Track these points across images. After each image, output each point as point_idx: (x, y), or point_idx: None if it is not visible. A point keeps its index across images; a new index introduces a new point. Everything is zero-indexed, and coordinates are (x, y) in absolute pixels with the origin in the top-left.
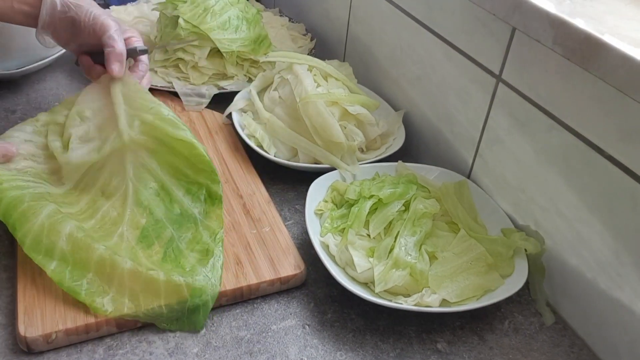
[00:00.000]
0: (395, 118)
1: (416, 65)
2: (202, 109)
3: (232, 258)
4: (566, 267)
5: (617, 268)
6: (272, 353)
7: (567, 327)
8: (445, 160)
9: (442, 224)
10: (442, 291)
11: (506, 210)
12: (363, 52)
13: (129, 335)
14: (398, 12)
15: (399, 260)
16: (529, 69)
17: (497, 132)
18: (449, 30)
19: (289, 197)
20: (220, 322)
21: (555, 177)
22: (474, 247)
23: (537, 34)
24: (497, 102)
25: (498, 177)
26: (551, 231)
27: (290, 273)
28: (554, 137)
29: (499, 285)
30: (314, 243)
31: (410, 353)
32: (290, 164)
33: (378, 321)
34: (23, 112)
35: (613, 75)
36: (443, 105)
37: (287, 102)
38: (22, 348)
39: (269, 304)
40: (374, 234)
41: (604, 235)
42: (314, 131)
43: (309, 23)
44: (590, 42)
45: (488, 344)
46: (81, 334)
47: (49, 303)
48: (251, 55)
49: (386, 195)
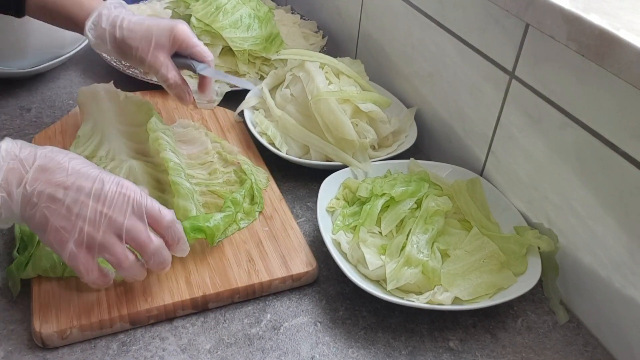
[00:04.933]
0: (407, 115)
1: (428, 62)
2: (214, 106)
3: (244, 255)
4: (580, 265)
5: (631, 266)
6: (283, 350)
7: (581, 326)
8: (457, 157)
9: (454, 222)
10: (455, 289)
11: (519, 207)
12: (375, 49)
13: (142, 332)
14: (410, 8)
15: (411, 258)
16: (543, 65)
17: (510, 129)
18: (461, 26)
19: (300, 194)
20: (233, 319)
21: (569, 175)
22: (486, 245)
23: (550, 30)
24: (510, 99)
25: (511, 175)
26: (565, 229)
27: (302, 270)
28: (568, 134)
29: (512, 283)
30: (326, 240)
31: (422, 351)
32: (302, 162)
33: (390, 319)
34: (38, 110)
35: (628, 71)
36: (455, 102)
37: (299, 100)
38: (37, 343)
39: (280, 301)
40: (386, 231)
41: (618, 234)
42: (325, 129)
43: (320, 20)
44: (604, 37)
45: (501, 342)
46: (95, 330)
47: (63, 299)
48: (263, 53)
49: (398, 193)
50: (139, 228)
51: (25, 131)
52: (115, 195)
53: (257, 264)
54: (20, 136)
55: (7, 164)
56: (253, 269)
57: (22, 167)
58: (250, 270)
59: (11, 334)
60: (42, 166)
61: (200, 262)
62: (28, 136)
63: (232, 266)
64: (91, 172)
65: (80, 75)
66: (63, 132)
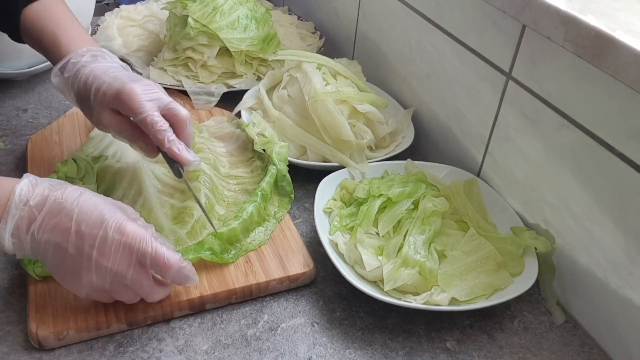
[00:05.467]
0: (404, 116)
1: (425, 63)
2: (211, 107)
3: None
4: (577, 266)
5: (628, 267)
6: (281, 351)
7: (578, 327)
8: (454, 158)
9: (451, 223)
10: (452, 290)
11: (516, 208)
12: (372, 50)
13: (139, 333)
14: (407, 9)
15: (408, 259)
16: (540, 66)
17: (507, 130)
18: (459, 27)
19: (297, 195)
20: (230, 320)
21: (566, 175)
22: (483, 245)
23: (547, 31)
24: (507, 100)
25: (508, 175)
26: (561, 230)
27: (299, 271)
28: (565, 135)
29: (509, 284)
30: (323, 241)
31: (419, 352)
32: (299, 162)
33: (387, 319)
34: (34, 110)
35: (624, 72)
36: (452, 103)
37: (296, 101)
38: (33, 345)
39: (278, 302)
40: (383, 232)
41: (615, 234)
42: (322, 129)
43: (317, 21)
44: (601, 39)
45: (497, 343)
46: (92, 331)
47: (60, 300)
48: (260, 54)
49: (395, 194)
50: (143, 281)
51: (21, 132)
52: (119, 247)
53: (255, 265)
54: (16, 137)
55: (20, 212)
56: (250, 270)
57: (31, 214)
58: (248, 271)
59: (7, 335)
60: (51, 212)
61: (197, 263)
62: (24, 137)
63: (230, 267)
64: (96, 217)
65: None
66: (59, 132)
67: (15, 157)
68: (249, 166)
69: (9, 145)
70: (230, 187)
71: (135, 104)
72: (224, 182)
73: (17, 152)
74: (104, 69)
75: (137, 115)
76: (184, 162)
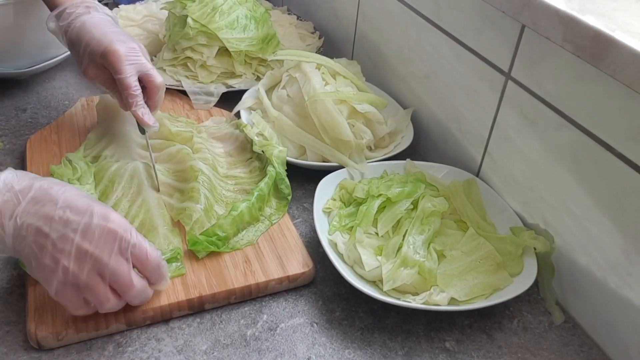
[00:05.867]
0: (403, 116)
1: (424, 63)
2: (211, 107)
3: (240, 256)
4: (576, 266)
5: (627, 267)
6: (280, 351)
7: (577, 326)
8: (453, 158)
9: (450, 223)
10: (451, 290)
11: (515, 208)
12: (371, 50)
13: (138, 333)
14: (406, 9)
15: (407, 259)
16: (539, 66)
17: (506, 130)
18: (458, 28)
19: (297, 195)
20: (229, 320)
21: (565, 176)
22: (482, 245)
23: (546, 31)
24: (506, 100)
25: (507, 176)
26: (560, 230)
27: (299, 271)
28: (564, 135)
29: (508, 284)
30: (322, 241)
31: (419, 352)
32: (298, 162)
33: (386, 319)
34: (33, 110)
35: (623, 72)
36: (451, 103)
37: (296, 101)
38: (32, 345)
39: (277, 302)
40: (382, 232)
41: (613, 234)
42: (322, 129)
43: (317, 21)
44: (600, 39)
45: (497, 343)
46: (91, 331)
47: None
48: (259, 54)
49: (394, 194)
50: (123, 270)
51: (20, 132)
52: (103, 232)
53: (254, 265)
54: (15, 136)
55: (3, 196)
56: (249, 270)
57: (16, 199)
58: (247, 271)
59: (6, 336)
60: (35, 198)
61: (196, 263)
62: (24, 136)
63: (229, 267)
64: (81, 204)
65: (76, 75)
66: (59, 132)
67: (15, 157)
68: (248, 166)
69: (8, 145)
70: (229, 187)
71: (117, 65)
72: (222, 182)
73: (16, 152)
74: (94, 22)
75: (116, 75)
76: (143, 124)
